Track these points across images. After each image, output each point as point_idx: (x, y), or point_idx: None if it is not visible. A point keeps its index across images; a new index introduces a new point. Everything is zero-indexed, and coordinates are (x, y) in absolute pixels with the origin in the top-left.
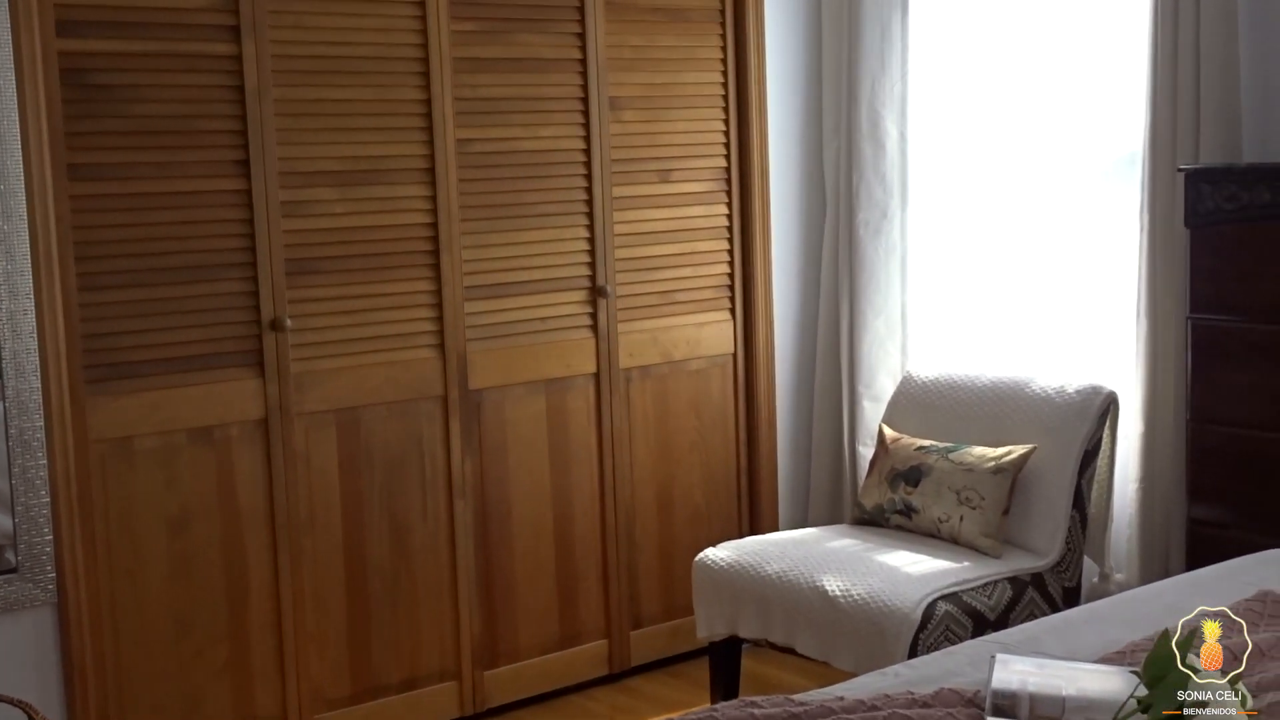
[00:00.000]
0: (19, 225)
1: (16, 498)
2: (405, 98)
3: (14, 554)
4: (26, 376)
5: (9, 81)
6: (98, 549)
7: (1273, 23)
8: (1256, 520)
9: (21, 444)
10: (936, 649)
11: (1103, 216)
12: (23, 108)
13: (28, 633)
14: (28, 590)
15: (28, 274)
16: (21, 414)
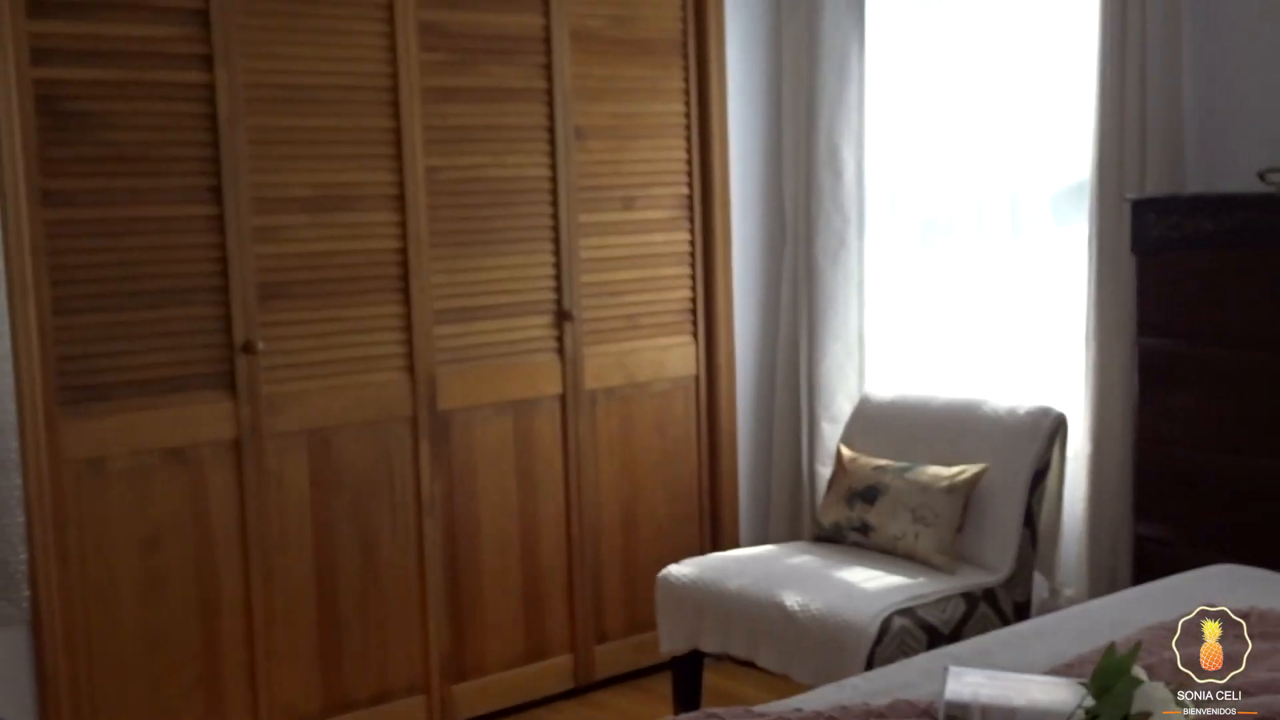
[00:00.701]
0: None
1: None
2: (375, 126)
3: None
4: (1, 398)
5: None
6: (71, 567)
7: (1216, 58)
8: (1200, 537)
9: None
10: (892, 662)
11: (1053, 244)
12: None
13: (2, 650)
14: (2, 608)
15: (2, 298)
16: None
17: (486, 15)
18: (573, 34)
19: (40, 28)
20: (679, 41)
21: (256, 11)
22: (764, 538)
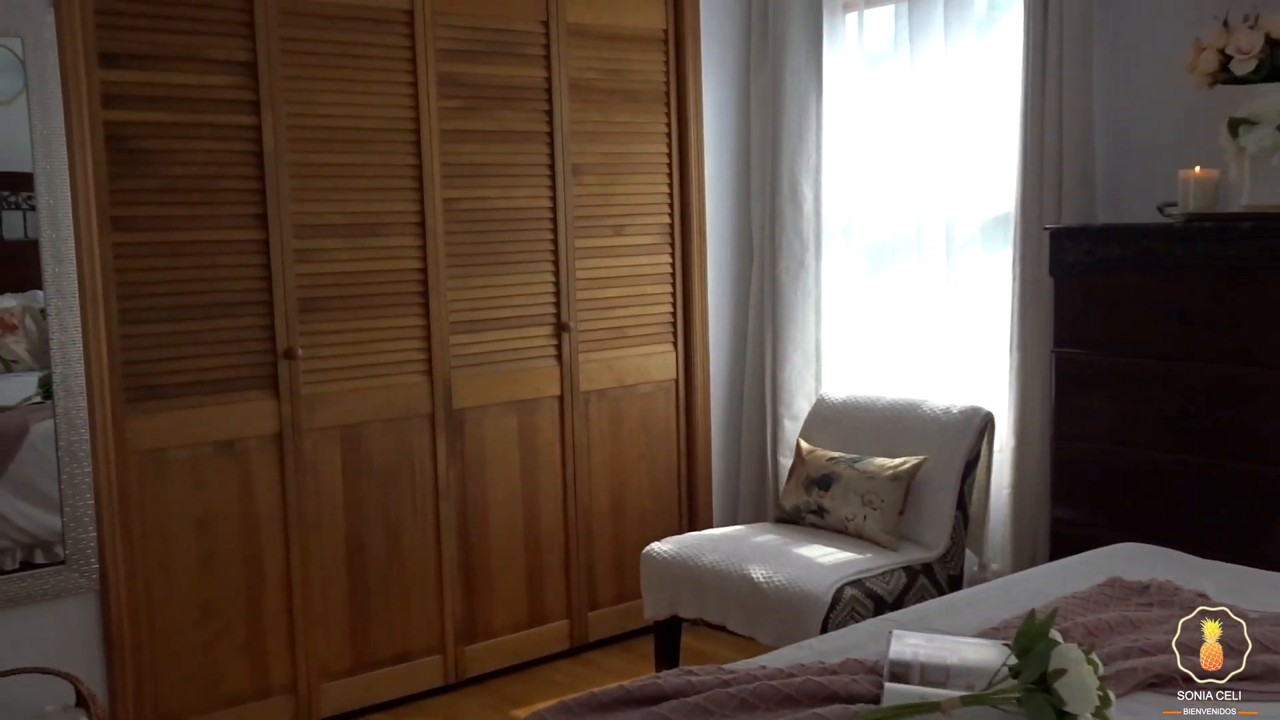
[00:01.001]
0: (69, 269)
1: (65, 501)
2: (400, 162)
3: (62, 549)
4: (74, 397)
5: (61, 146)
6: (134, 545)
7: (1121, 108)
8: (1108, 519)
9: (70, 455)
10: (843, 627)
11: (982, 267)
12: (73, 168)
13: (74, 616)
14: (74, 580)
15: (76, 310)
16: (70, 429)
17: (497, 68)
18: (571, 85)
19: (111, 76)
20: (662, 92)
21: (297, 64)
22: (733, 519)
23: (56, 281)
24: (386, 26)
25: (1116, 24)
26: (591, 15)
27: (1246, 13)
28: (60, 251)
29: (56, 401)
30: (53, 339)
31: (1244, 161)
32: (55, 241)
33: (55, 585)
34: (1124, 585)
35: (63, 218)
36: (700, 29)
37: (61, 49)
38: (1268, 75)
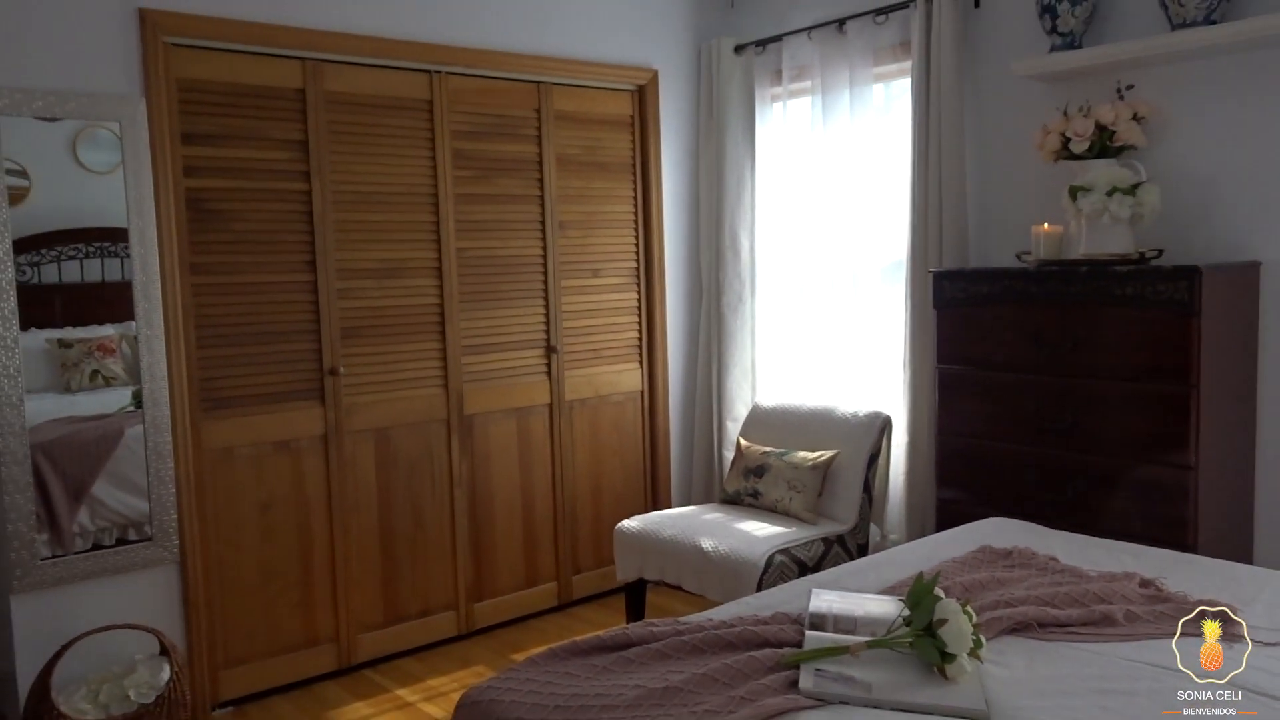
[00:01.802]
0: (156, 305)
1: (152, 490)
2: (421, 219)
3: (150, 528)
4: (160, 407)
5: (150, 208)
6: (208, 524)
7: (987, 176)
8: (980, 499)
9: (156, 453)
10: (774, 586)
11: (882, 301)
12: (160, 225)
13: (158, 583)
14: (158, 553)
15: (161, 338)
16: (156, 432)
17: (499, 145)
18: (557, 158)
19: (190, 152)
20: (630, 163)
21: (340, 141)
22: (688, 500)
23: (146, 315)
24: (411, 113)
25: (982, 112)
26: (574, 104)
27: (1081, 104)
28: (149, 291)
29: (145, 410)
30: (142, 361)
31: (1081, 220)
32: (145, 283)
33: (144, 558)
34: (992, 551)
35: (151, 264)
36: (660, 115)
37: (151, 131)
38: (1098, 153)
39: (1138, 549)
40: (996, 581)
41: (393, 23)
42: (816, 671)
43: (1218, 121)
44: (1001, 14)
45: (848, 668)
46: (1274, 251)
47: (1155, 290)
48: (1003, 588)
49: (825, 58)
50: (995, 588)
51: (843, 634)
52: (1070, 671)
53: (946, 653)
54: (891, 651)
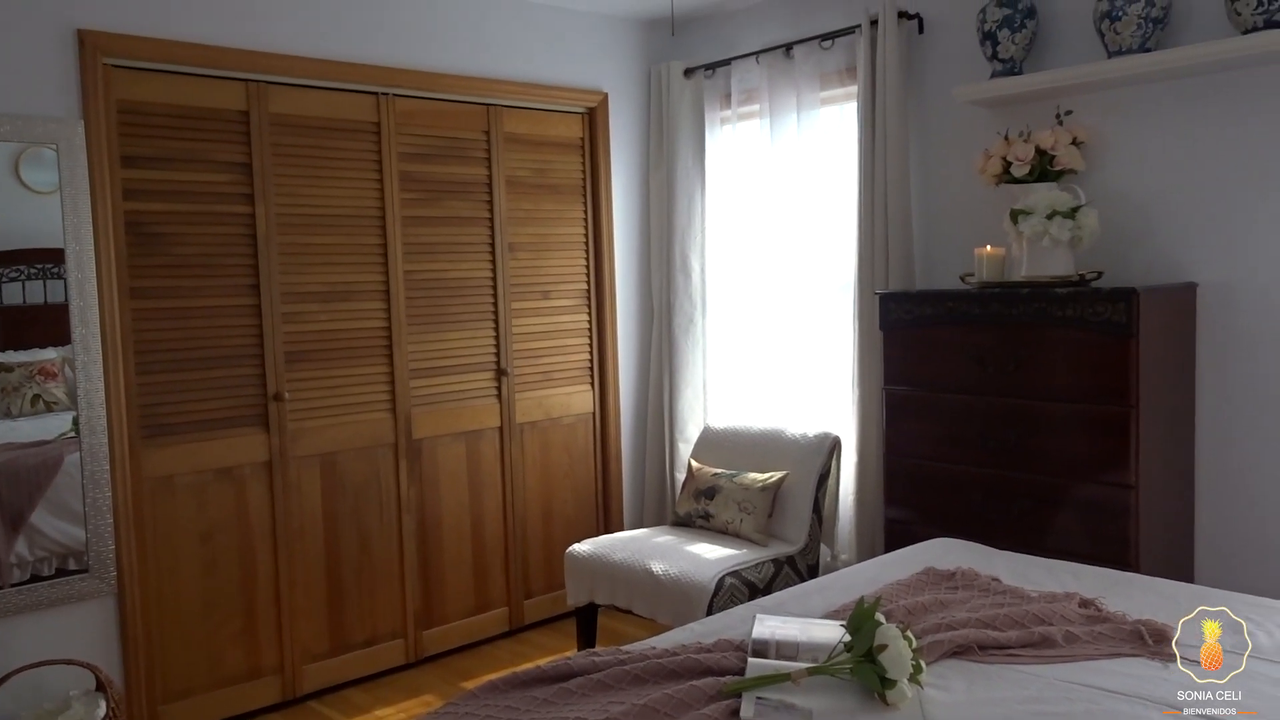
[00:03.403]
0: (94, 329)
1: (89, 519)
2: (368, 242)
3: (86, 558)
4: (97, 434)
5: (88, 231)
6: (147, 554)
7: (931, 200)
8: (928, 518)
9: (92, 481)
10: (725, 609)
11: (831, 323)
12: (98, 249)
13: (95, 616)
14: (95, 585)
15: (99, 364)
16: (93, 460)
17: (448, 168)
18: (507, 180)
19: (130, 174)
20: (580, 186)
21: (285, 164)
22: (640, 523)
23: (83, 340)
24: (358, 135)
25: (926, 136)
26: (524, 127)
27: (1021, 129)
28: (86, 316)
29: (82, 438)
30: (79, 387)
31: (1022, 242)
32: (82, 308)
33: (80, 590)
34: (936, 573)
35: (88, 289)
36: (610, 137)
37: (90, 153)
38: (1038, 177)
39: (1078, 568)
40: (939, 604)
41: (339, 44)
42: (758, 700)
43: (1153, 146)
44: (945, 40)
45: (789, 695)
46: (1209, 273)
47: (1094, 312)
48: (945, 610)
49: (773, 81)
50: (938, 610)
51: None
52: (1008, 694)
53: (886, 678)
54: (833, 678)
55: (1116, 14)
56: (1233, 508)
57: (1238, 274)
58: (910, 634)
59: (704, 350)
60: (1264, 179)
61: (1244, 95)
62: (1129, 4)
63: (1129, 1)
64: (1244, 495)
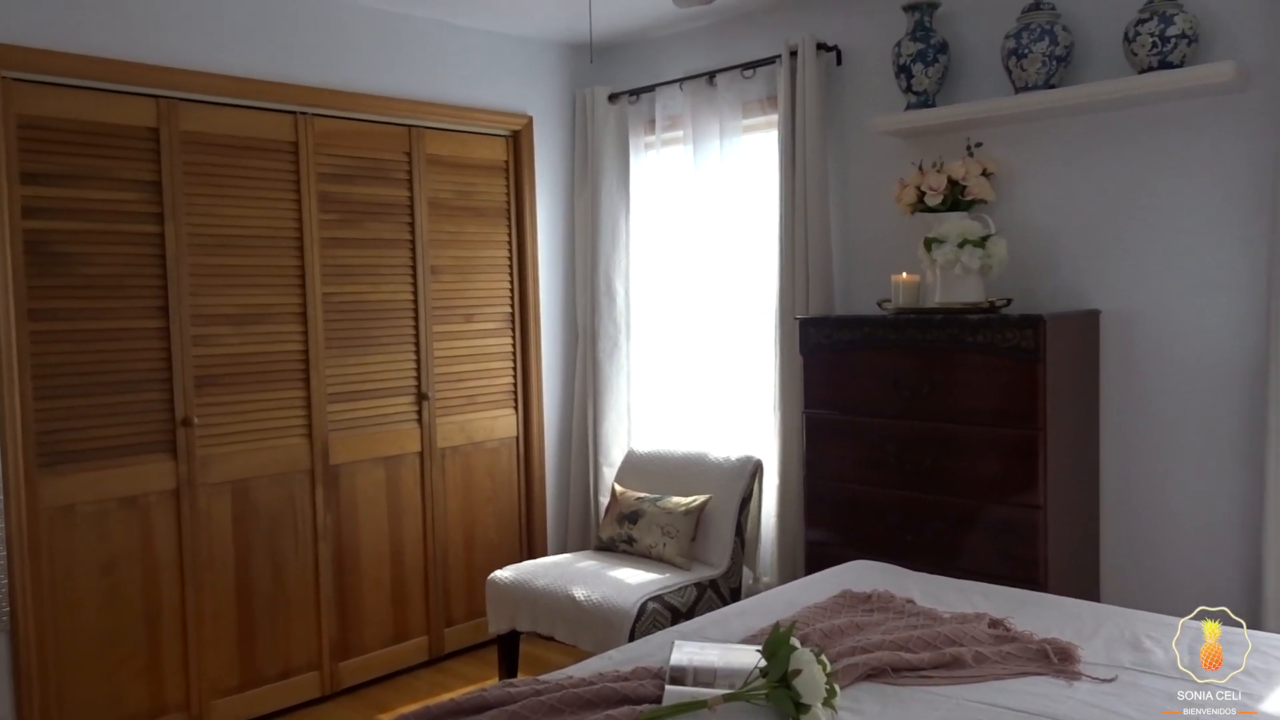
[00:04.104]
0: None
1: None
2: (286, 264)
3: None
4: None
5: None
6: (44, 588)
7: (850, 227)
8: (847, 540)
9: None
10: (648, 634)
11: (753, 347)
12: None
13: None
14: None
15: None
16: None
17: (368, 188)
18: (430, 202)
19: (31, 192)
20: (504, 209)
21: (197, 182)
22: (563, 548)
23: None
24: (275, 155)
25: (845, 165)
26: (447, 149)
27: (935, 160)
28: None
29: None
30: None
31: (936, 270)
32: None
33: None
34: (853, 595)
35: None
36: (535, 160)
37: None
38: (951, 206)
39: (988, 588)
40: (855, 626)
41: (255, 62)
42: None
43: (1058, 178)
44: (862, 72)
45: None
46: (1112, 301)
47: (1004, 338)
48: (860, 633)
49: (696, 109)
50: (853, 633)
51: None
52: (920, 715)
53: (801, 703)
54: (749, 704)
55: (1023, 51)
56: (1135, 527)
57: (1137, 301)
58: (825, 658)
59: (628, 374)
60: (1160, 211)
61: (1141, 131)
62: (1034, 42)
63: (1034, 40)
64: (1145, 515)
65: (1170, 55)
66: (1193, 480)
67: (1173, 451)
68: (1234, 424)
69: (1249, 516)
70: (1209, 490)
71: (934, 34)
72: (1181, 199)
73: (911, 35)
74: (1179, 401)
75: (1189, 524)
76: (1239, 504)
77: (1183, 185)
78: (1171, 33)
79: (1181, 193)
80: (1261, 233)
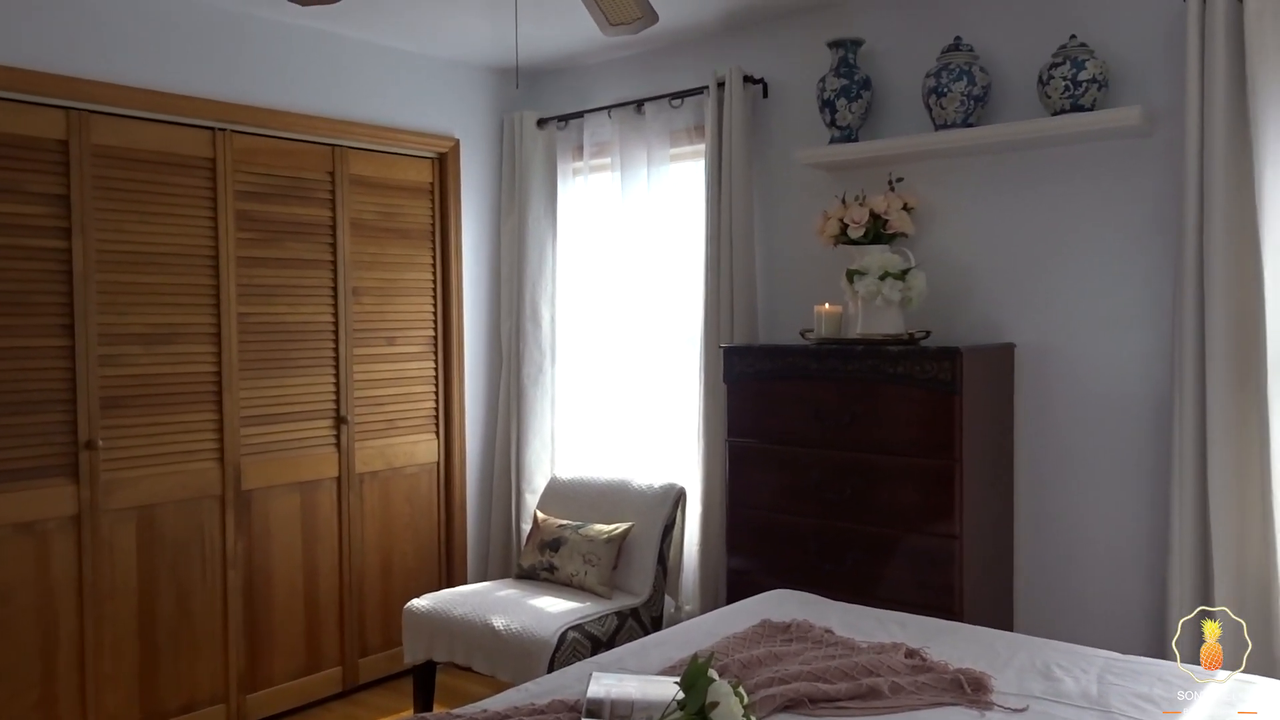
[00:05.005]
0: None
1: None
2: (199, 282)
3: None
4: None
5: None
6: None
7: (774, 258)
8: (769, 569)
9: None
10: (568, 664)
11: (678, 375)
12: None
13: None
14: None
15: None
16: None
17: (289, 208)
18: (352, 223)
19: None
20: (429, 231)
21: (107, 197)
22: (484, 576)
23: None
24: (191, 171)
25: (770, 196)
26: (371, 169)
27: (857, 193)
28: None
29: None
30: None
31: (858, 301)
32: None
33: None
34: (772, 625)
35: None
36: (461, 184)
37: None
38: (872, 239)
39: (905, 618)
40: (773, 657)
41: (171, 75)
42: None
43: (976, 214)
44: (788, 105)
45: None
46: (1026, 334)
47: (922, 369)
48: (779, 663)
49: (624, 136)
50: (772, 663)
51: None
52: None
53: None
54: None
55: (942, 90)
56: (1047, 556)
57: (1050, 335)
58: (742, 690)
59: (553, 400)
60: (1072, 249)
61: (1054, 171)
62: (953, 82)
63: (953, 79)
64: (1058, 544)
65: (1082, 98)
66: (1103, 509)
67: (1084, 481)
68: (1142, 455)
69: (1156, 544)
70: (1118, 519)
71: (858, 70)
72: (1092, 237)
73: (836, 71)
74: (1090, 433)
75: (1100, 551)
76: (1147, 532)
77: (1093, 224)
78: (1083, 77)
79: (1092, 231)
80: (1166, 272)
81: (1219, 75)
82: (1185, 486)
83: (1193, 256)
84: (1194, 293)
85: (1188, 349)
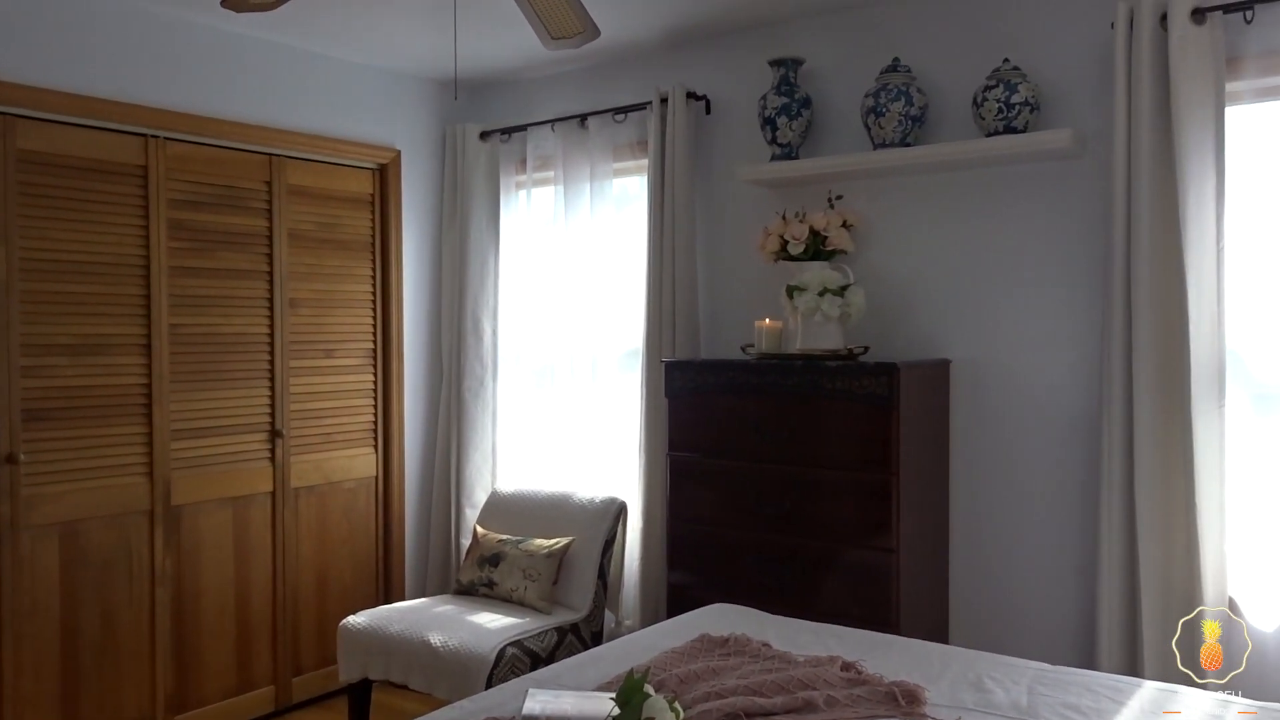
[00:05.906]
0: None
1: None
2: (129, 292)
3: None
4: None
5: None
6: None
7: (716, 272)
8: (709, 583)
9: None
10: (506, 680)
11: (619, 389)
12: None
13: None
14: None
15: None
16: None
17: (223, 217)
18: (290, 233)
19: None
20: (369, 242)
21: (33, 204)
22: (422, 592)
23: None
24: (122, 178)
25: (712, 211)
26: (310, 179)
27: (798, 210)
28: None
29: None
30: None
31: (798, 316)
32: None
33: None
34: (710, 639)
35: None
36: (402, 195)
37: None
38: (812, 255)
39: (842, 631)
40: (711, 671)
41: (101, 81)
42: None
43: (913, 232)
44: (730, 122)
45: None
46: (961, 351)
47: (860, 384)
48: (716, 678)
49: (568, 150)
50: (709, 678)
51: None
52: None
53: None
54: None
55: (880, 110)
56: (981, 569)
57: (984, 352)
58: (679, 705)
59: (494, 413)
60: (1005, 267)
61: (988, 190)
62: (891, 102)
63: (891, 100)
64: (991, 557)
65: (1015, 120)
66: (1035, 521)
67: (1017, 494)
68: (1073, 467)
69: (1086, 557)
70: (1050, 532)
71: (798, 89)
72: (1024, 256)
73: (777, 89)
74: (1023, 447)
75: (1032, 565)
76: (1077, 545)
77: (1026, 243)
78: (1016, 100)
79: (1025, 250)
80: (1096, 289)
81: (1145, 100)
82: (1114, 498)
83: (1120, 275)
84: (1121, 310)
85: (1115, 365)
